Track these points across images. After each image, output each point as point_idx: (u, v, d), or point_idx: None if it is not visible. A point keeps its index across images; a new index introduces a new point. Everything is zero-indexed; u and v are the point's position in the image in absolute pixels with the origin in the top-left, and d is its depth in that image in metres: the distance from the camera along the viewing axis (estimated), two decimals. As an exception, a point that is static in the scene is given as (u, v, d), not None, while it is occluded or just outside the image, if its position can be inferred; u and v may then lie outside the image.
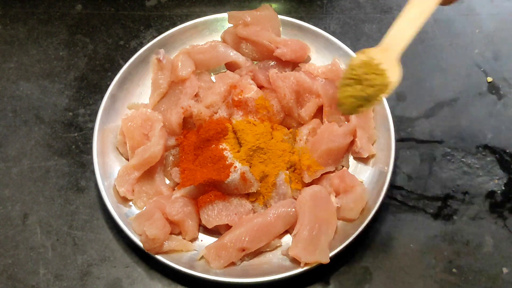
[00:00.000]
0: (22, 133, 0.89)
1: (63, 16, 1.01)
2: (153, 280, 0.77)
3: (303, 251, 0.72)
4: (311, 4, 1.00)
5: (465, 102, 0.90)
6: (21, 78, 0.95)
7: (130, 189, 0.80)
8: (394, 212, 0.81)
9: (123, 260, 0.78)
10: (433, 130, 0.87)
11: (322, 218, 0.75)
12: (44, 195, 0.84)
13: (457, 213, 0.81)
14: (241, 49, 0.89)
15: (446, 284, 0.76)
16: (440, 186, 0.83)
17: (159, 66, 0.87)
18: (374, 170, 0.81)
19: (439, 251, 0.78)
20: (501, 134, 0.87)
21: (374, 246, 0.78)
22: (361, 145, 0.80)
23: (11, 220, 0.82)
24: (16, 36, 0.99)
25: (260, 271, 0.74)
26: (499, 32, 0.96)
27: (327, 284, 0.76)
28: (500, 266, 0.77)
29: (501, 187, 0.83)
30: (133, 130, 0.81)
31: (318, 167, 0.79)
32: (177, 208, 0.76)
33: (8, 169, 0.86)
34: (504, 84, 0.91)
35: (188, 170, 0.78)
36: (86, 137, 0.88)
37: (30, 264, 0.79)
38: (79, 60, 0.96)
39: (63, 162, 0.87)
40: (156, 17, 1.00)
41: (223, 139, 0.79)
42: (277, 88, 0.83)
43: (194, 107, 0.82)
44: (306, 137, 0.81)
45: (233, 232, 0.75)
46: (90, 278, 0.77)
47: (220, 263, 0.74)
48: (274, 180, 0.78)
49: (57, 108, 0.91)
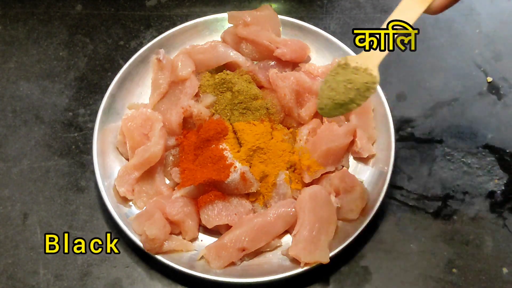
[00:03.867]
0: (22, 133, 0.89)
1: (63, 16, 1.01)
2: (153, 280, 0.77)
3: (303, 251, 0.72)
4: (311, 4, 1.00)
5: (465, 102, 0.90)
6: (21, 78, 0.95)
7: (130, 189, 0.80)
8: (394, 212, 0.81)
9: (123, 260, 0.78)
10: (433, 130, 0.87)
11: (322, 218, 0.75)
12: (44, 195, 0.84)
13: (457, 213, 0.81)
14: (241, 49, 0.89)
15: (446, 284, 0.76)
16: (440, 186, 0.83)
17: (159, 66, 0.87)
18: (374, 170, 0.81)
19: (439, 251, 0.78)
20: (501, 134, 0.87)
21: (374, 246, 0.78)
22: (361, 145, 0.80)
23: (11, 220, 0.82)
24: (16, 36, 0.99)
25: (260, 271, 0.74)
26: (499, 32, 0.96)
27: (327, 284, 0.76)
28: (500, 266, 0.77)
29: (501, 187, 0.83)
30: (133, 130, 0.81)
31: (318, 167, 0.79)
32: (177, 208, 0.76)
33: (8, 169, 0.86)
34: (504, 84, 0.91)
35: (188, 170, 0.78)
36: (86, 137, 0.88)
37: (30, 264, 0.79)
38: (79, 60, 0.96)
39: (63, 162, 0.87)
40: (156, 17, 1.01)
41: (223, 139, 0.79)
42: (277, 88, 0.83)
43: (194, 107, 0.82)
44: (306, 137, 0.81)
45: (233, 232, 0.75)
46: (90, 278, 0.77)
47: (220, 263, 0.74)
48: (274, 180, 0.78)
49: (57, 108, 0.91)
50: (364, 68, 0.65)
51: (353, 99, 0.65)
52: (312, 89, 0.83)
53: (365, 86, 0.65)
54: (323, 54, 0.90)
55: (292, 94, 0.82)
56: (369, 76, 0.65)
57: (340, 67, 0.66)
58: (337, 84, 0.65)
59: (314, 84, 0.83)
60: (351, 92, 0.65)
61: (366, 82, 0.65)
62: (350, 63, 0.66)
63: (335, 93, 0.65)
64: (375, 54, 0.65)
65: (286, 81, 0.83)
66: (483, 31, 0.97)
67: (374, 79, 0.65)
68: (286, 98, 0.82)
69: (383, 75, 0.90)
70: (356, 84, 0.65)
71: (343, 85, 0.65)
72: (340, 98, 0.65)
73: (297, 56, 0.87)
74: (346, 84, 0.65)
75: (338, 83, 0.65)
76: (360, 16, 0.99)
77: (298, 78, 0.83)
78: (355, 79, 0.65)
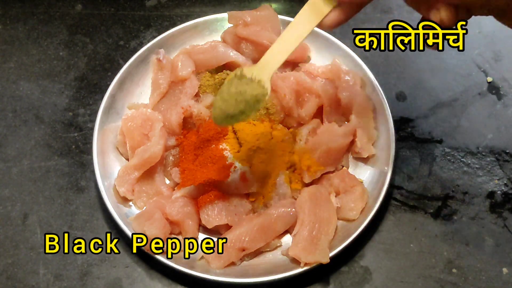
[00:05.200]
0: (22, 133, 0.89)
1: (63, 16, 1.01)
2: (153, 280, 0.77)
3: (303, 251, 0.72)
4: (311, 4, 1.00)
5: (465, 102, 0.90)
6: (21, 78, 0.95)
7: (130, 189, 0.80)
8: (394, 212, 0.81)
9: (123, 260, 0.78)
10: (433, 130, 0.87)
11: (322, 218, 0.75)
12: (44, 195, 0.84)
13: (457, 213, 0.81)
14: (241, 49, 0.89)
15: (446, 284, 0.76)
16: (440, 186, 0.83)
17: (159, 66, 0.87)
18: (374, 170, 0.81)
19: (439, 251, 0.78)
20: (501, 134, 0.87)
21: (374, 246, 0.78)
22: (361, 145, 0.80)
23: (11, 220, 0.82)
24: (16, 36, 0.99)
25: (260, 271, 0.74)
26: (499, 32, 0.96)
27: (327, 284, 0.76)
28: (500, 266, 0.77)
29: (501, 187, 0.83)
30: (133, 130, 0.81)
31: (318, 167, 0.79)
32: (177, 208, 0.76)
33: (8, 169, 0.86)
34: (504, 84, 0.91)
35: (188, 170, 0.78)
36: (86, 137, 0.88)
37: (30, 264, 0.79)
38: (79, 60, 0.96)
39: (63, 162, 0.87)
40: (156, 17, 1.01)
41: (223, 139, 0.79)
42: (277, 88, 0.83)
43: (194, 107, 0.82)
44: (306, 137, 0.81)
45: (233, 232, 0.75)
46: (90, 278, 0.77)
47: (220, 263, 0.74)
48: (274, 180, 0.78)
49: (57, 108, 0.91)
50: (258, 80, 0.67)
51: (243, 111, 0.68)
52: (312, 89, 0.83)
53: (254, 98, 0.67)
54: (323, 54, 0.90)
55: (292, 94, 0.82)
56: (260, 88, 0.67)
57: (237, 77, 0.68)
58: (229, 96, 0.68)
59: (314, 84, 0.83)
60: (240, 104, 0.67)
61: (256, 95, 0.67)
62: (246, 74, 0.68)
63: (226, 105, 0.68)
64: (269, 64, 0.67)
65: (286, 81, 0.83)
66: (483, 31, 0.97)
67: (265, 91, 0.67)
68: (286, 98, 0.82)
69: (383, 75, 0.91)
70: (246, 96, 0.67)
71: (234, 97, 0.67)
72: (230, 110, 0.68)
73: (297, 56, 0.87)
74: (237, 96, 0.67)
75: (230, 95, 0.67)
76: (360, 16, 0.98)
77: (298, 78, 0.83)
78: (246, 91, 0.67)
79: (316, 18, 0.62)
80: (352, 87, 0.83)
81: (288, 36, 0.66)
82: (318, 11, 0.62)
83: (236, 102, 0.67)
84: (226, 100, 0.68)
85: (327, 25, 0.62)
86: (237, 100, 0.67)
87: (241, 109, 0.68)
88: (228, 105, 0.68)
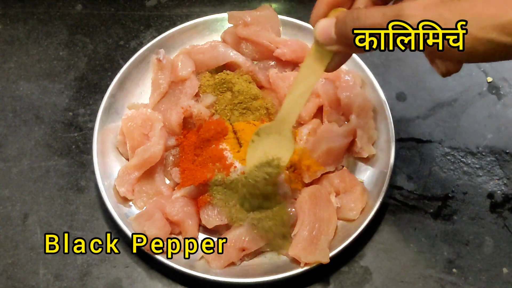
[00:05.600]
0: (22, 133, 0.89)
1: (63, 16, 1.01)
2: (153, 280, 0.77)
3: (303, 251, 0.72)
4: (311, 4, 1.00)
5: (465, 102, 0.90)
6: (21, 78, 0.95)
7: (130, 189, 0.80)
8: (394, 212, 0.81)
9: (123, 260, 0.78)
10: (433, 130, 0.87)
11: (322, 218, 0.75)
12: (44, 195, 0.84)
13: (457, 213, 0.81)
14: (241, 49, 0.89)
15: (446, 284, 0.76)
16: (440, 186, 0.83)
17: (159, 66, 0.87)
18: (374, 170, 0.81)
19: (439, 251, 0.78)
20: (501, 134, 0.87)
21: (374, 246, 0.78)
22: (361, 145, 0.80)
23: (11, 220, 0.82)
24: (16, 36, 0.99)
25: (260, 271, 0.74)
26: (499, 32, 0.96)
27: (327, 284, 0.76)
28: (500, 266, 0.77)
29: (501, 187, 0.83)
30: (133, 130, 0.81)
31: (318, 167, 0.79)
32: (177, 208, 0.76)
33: (8, 169, 0.86)
34: (504, 84, 0.91)
35: (188, 170, 0.78)
36: (86, 137, 0.88)
37: (30, 264, 0.79)
38: (79, 60, 0.96)
39: (63, 162, 0.87)
40: (156, 17, 1.01)
41: (223, 139, 0.79)
42: (277, 88, 0.83)
43: (194, 107, 0.82)
44: (306, 137, 0.81)
45: (233, 232, 0.75)
46: (90, 278, 0.77)
47: (220, 263, 0.74)
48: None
49: (57, 108, 0.92)
50: (276, 158, 0.72)
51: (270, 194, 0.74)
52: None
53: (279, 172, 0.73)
54: (323, 54, 0.90)
55: (292, 94, 0.82)
56: (276, 169, 0.72)
57: (255, 142, 0.72)
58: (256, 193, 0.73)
59: (314, 84, 0.83)
60: (268, 188, 0.73)
61: (278, 170, 0.73)
62: (263, 134, 0.72)
63: (253, 201, 0.74)
64: (287, 119, 0.69)
65: (286, 81, 0.83)
66: (483, 31, 0.96)
67: (287, 151, 0.72)
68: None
69: (383, 75, 0.91)
70: (271, 178, 0.73)
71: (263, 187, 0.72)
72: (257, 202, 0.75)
73: (297, 56, 0.87)
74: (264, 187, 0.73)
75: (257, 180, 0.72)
76: (360, 16, 0.99)
77: (298, 78, 0.83)
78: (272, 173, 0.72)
79: (320, 67, 0.63)
80: (352, 87, 0.83)
81: (298, 89, 0.66)
82: (320, 60, 0.62)
83: (263, 192, 0.73)
84: (250, 199, 0.74)
85: (331, 70, 0.64)
86: (263, 191, 0.73)
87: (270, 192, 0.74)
88: (256, 201, 0.74)
